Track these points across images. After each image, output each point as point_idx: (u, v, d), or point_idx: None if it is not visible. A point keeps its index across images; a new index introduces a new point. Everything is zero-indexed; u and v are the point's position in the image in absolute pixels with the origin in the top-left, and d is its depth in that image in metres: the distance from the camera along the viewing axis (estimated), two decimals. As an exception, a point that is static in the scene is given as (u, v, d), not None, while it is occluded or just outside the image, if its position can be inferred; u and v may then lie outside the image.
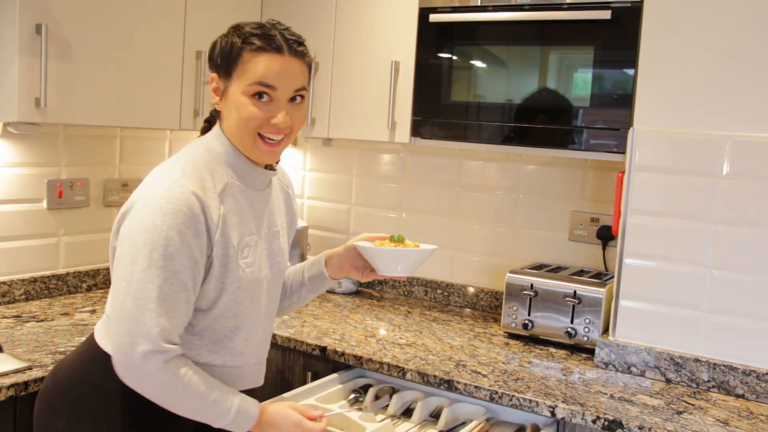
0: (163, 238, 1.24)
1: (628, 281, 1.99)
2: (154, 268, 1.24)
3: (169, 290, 1.25)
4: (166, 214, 1.25)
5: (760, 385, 1.83)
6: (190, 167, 1.33)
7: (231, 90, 1.35)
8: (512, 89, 2.19)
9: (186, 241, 1.26)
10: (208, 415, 1.32)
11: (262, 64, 1.32)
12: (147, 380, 1.26)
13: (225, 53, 1.35)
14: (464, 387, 1.83)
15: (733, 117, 1.85)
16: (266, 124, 1.34)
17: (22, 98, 1.87)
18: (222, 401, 1.32)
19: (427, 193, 2.72)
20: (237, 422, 1.33)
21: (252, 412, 1.35)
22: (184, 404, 1.30)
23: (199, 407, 1.31)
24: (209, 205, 1.30)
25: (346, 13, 2.46)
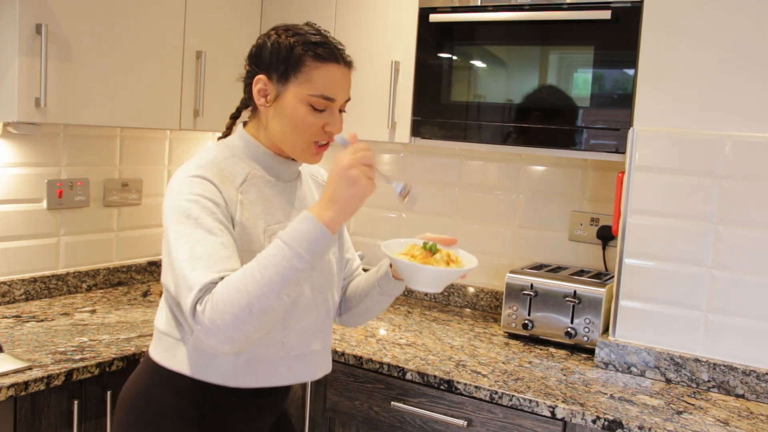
0: (183, 210, 1.25)
1: (628, 281, 1.99)
2: (182, 238, 1.23)
3: (203, 249, 1.22)
4: (181, 192, 1.28)
5: (760, 385, 1.83)
6: (204, 163, 1.34)
7: (287, 97, 1.35)
8: (512, 89, 2.19)
9: (206, 206, 1.26)
10: (283, 274, 1.17)
11: (327, 76, 1.34)
12: (211, 321, 1.16)
13: (282, 56, 1.34)
14: (464, 387, 1.83)
15: (733, 117, 1.85)
16: (320, 132, 1.37)
17: (22, 98, 1.87)
18: (271, 251, 1.18)
19: (427, 193, 2.72)
20: (308, 238, 1.18)
21: (306, 217, 1.19)
22: (252, 295, 1.16)
23: (266, 278, 1.16)
24: (227, 190, 1.32)
25: (346, 13, 2.46)
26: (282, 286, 1.17)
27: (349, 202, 1.21)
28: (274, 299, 1.17)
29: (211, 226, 1.24)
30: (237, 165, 1.39)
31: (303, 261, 1.17)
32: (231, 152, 1.40)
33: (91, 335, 2.01)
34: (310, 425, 2.10)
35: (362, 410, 2.01)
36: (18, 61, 1.85)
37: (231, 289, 1.16)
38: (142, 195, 2.67)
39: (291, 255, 1.17)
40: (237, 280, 1.17)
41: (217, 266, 1.21)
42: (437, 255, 1.39)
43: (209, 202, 1.27)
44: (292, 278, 1.17)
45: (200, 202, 1.26)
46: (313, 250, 1.18)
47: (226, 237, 1.25)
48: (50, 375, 1.70)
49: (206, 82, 2.38)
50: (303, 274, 1.18)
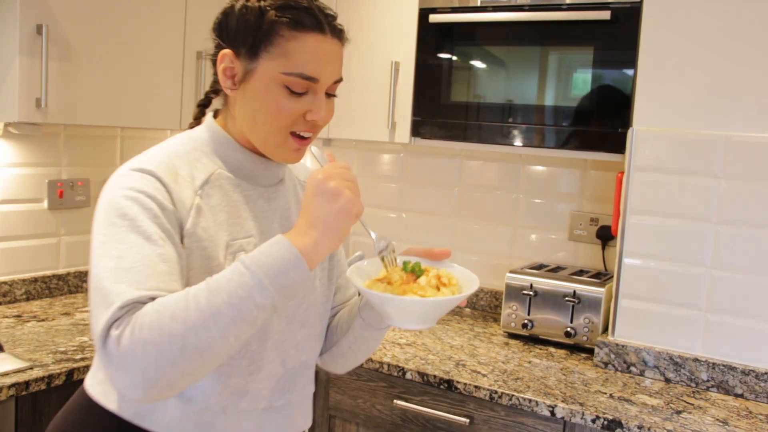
0: (119, 208, 0.98)
1: (627, 281, 1.99)
2: (110, 242, 0.95)
3: (134, 260, 0.93)
4: (120, 186, 1.00)
5: (759, 384, 1.83)
6: (156, 156, 1.07)
7: (257, 77, 1.06)
8: (512, 89, 2.20)
9: (147, 207, 0.99)
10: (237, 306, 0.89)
11: (308, 49, 1.05)
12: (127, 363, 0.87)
13: (250, 25, 1.06)
14: (464, 387, 1.84)
15: (733, 117, 1.85)
16: (300, 121, 1.08)
17: (22, 99, 1.88)
18: (227, 274, 0.91)
19: (427, 193, 2.73)
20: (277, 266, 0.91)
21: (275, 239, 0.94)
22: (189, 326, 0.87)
23: (214, 308, 0.88)
24: (179, 191, 1.04)
25: (346, 13, 2.46)
26: (232, 323, 0.89)
27: (333, 223, 0.94)
28: (218, 338, 0.88)
29: (150, 232, 0.96)
30: (199, 161, 1.10)
31: (265, 294, 0.90)
32: (194, 145, 1.12)
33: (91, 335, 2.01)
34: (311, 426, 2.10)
35: (365, 408, 2.01)
36: (19, 61, 1.86)
37: (164, 314, 0.87)
38: (143, 195, 2.67)
39: (252, 284, 0.89)
40: (174, 304, 0.89)
41: (149, 282, 0.92)
42: (422, 278, 1.04)
43: (152, 202, 0.99)
44: (246, 314, 0.90)
45: (141, 200, 0.99)
46: (280, 283, 0.91)
47: (167, 248, 0.97)
48: (51, 374, 1.70)
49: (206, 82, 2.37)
50: (262, 313, 0.91)
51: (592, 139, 2.06)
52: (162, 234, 0.98)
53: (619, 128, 2.01)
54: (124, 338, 0.87)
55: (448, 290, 1.03)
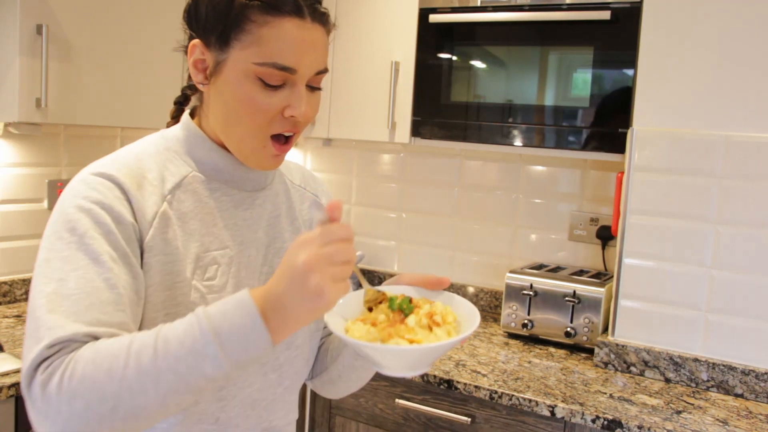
0: (68, 220, 0.88)
1: (627, 281, 1.99)
2: (54, 260, 0.85)
3: (77, 285, 0.83)
4: (74, 194, 0.90)
5: (759, 384, 1.83)
6: (127, 157, 0.97)
7: (228, 69, 0.94)
8: (512, 89, 2.20)
9: (100, 221, 0.88)
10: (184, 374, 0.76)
11: (282, 36, 0.92)
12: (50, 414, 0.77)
13: (219, 10, 0.94)
14: (464, 386, 1.84)
15: (732, 117, 1.85)
16: (278, 118, 0.95)
17: (22, 99, 1.88)
18: (179, 333, 0.78)
19: (427, 193, 2.73)
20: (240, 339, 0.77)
21: (241, 299, 0.79)
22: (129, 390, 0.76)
23: (156, 370, 0.76)
24: (143, 198, 0.93)
25: (346, 13, 2.47)
26: (174, 391, 0.77)
27: (301, 317, 0.79)
28: (155, 404, 0.77)
29: (98, 251, 0.85)
30: (171, 162, 1.00)
31: (218, 367, 0.77)
32: (167, 144, 1.02)
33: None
34: (310, 424, 2.10)
35: (367, 407, 2.01)
36: (19, 61, 1.86)
37: (99, 366, 0.76)
38: (143, 195, 2.67)
39: (205, 353, 0.76)
40: (112, 356, 0.77)
41: (89, 314, 0.81)
42: (411, 318, 0.88)
43: (107, 216, 0.88)
44: (192, 385, 0.77)
45: (94, 213, 0.88)
46: (238, 358, 0.77)
47: (118, 271, 0.86)
48: (51, 374, 1.70)
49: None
50: (210, 384, 0.78)
51: (592, 139, 2.06)
52: (114, 254, 0.87)
53: (619, 128, 2.01)
54: (51, 386, 0.77)
55: (443, 330, 0.87)
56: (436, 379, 1.88)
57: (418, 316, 0.88)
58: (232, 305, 0.79)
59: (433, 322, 0.88)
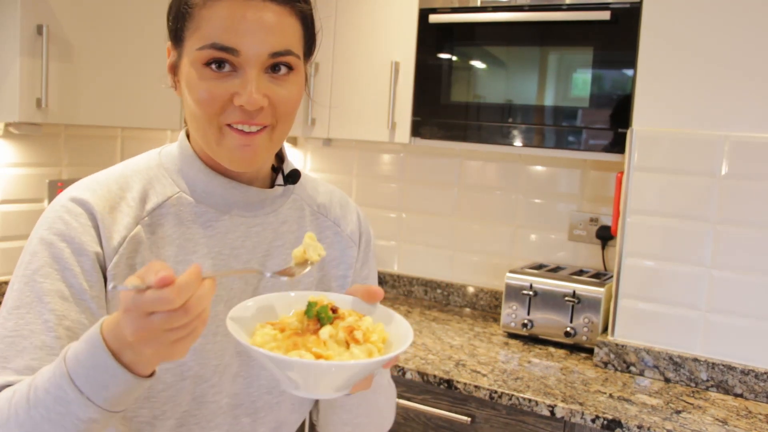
0: (28, 254, 0.85)
1: (627, 281, 1.99)
2: (9, 299, 0.84)
3: (14, 324, 0.81)
4: (42, 224, 0.87)
5: (759, 384, 1.84)
6: (112, 174, 0.92)
7: (183, 60, 0.90)
8: (512, 90, 2.20)
9: (59, 256, 0.84)
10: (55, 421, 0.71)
11: (216, 14, 0.85)
12: None
13: (175, 7, 0.93)
14: (464, 386, 1.84)
15: (732, 117, 1.85)
16: (230, 108, 0.86)
17: (23, 99, 1.88)
18: (45, 381, 0.73)
19: (427, 193, 2.73)
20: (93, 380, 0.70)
21: (91, 335, 0.71)
22: None
23: (28, 423, 0.73)
24: (113, 220, 0.87)
25: (346, 13, 2.47)
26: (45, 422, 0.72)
27: (156, 362, 0.72)
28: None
29: (45, 290, 0.82)
30: (158, 182, 0.93)
31: (89, 409, 0.71)
32: (160, 161, 0.96)
33: None
34: (310, 425, 2.11)
35: (362, 409, 2.01)
36: (19, 61, 1.86)
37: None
38: (143, 195, 2.67)
39: (70, 398, 0.70)
40: (1, 413, 0.74)
41: (19, 360, 0.79)
42: (324, 330, 0.75)
43: (66, 248, 0.84)
44: (73, 429, 0.72)
45: (54, 247, 0.84)
46: (104, 397, 0.71)
47: (63, 311, 0.81)
48: (52, 374, 1.70)
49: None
50: (94, 425, 0.72)
51: (592, 139, 2.07)
52: (66, 291, 0.82)
53: (619, 128, 2.01)
54: None
55: (362, 350, 0.74)
56: (436, 379, 1.88)
57: (336, 329, 0.75)
58: (84, 343, 0.71)
59: (352, 338, 0.74)
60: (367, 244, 1.08)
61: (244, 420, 0.94)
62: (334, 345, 0.74)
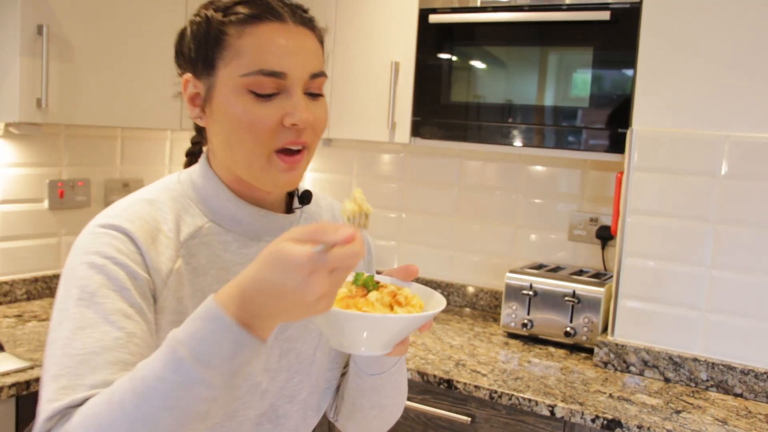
0: (79, 279, 0.83)
1: (627, 281, 1.99)
2: (66, 321, 0.81)
3: (83, 344, 0.78)
4: (86, 249, 0.85)
5: (759, 384, 1.84)
6: (140, 205, 0.91)
7: (217, 91, 0.90)
8: (512, 90, 2.20)
9: (116, 278, 0.83)
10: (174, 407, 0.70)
11: (262, 41, 0.88)
12: None
13: (200, 37, 0.92)
14: (464, 386, 1.84)
15: (732, 117, 1.86)
16: (280, 131, 0.88)
17: (23, 99, 1.88)
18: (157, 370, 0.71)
19: (427, 193, 2.73)
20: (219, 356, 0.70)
21: (210, 310, 0.71)
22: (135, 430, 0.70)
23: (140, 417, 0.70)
24: (157, 254, 0.88)
25: (346, 13, 2.47)
26: (175, 426, 0.71)
27: (285, 317, 0.72)
28: (163, 421, 0.71)
29: (109, 309, 0.81)
30: (186, 212, 0.94)
31: (212, 387, 0.70)
32: (182, 191, 0.96)
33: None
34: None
35: (362, 409, 2.01)
36: (19, 61, 1.86)
37: (90, 428, 0.71)
38: (143, 195, 2.67)
39: (194, 379, 0.70)
40: (99, 415, 0.72)
41: (94, 376, 0.76)
42: (372, 294, 0.84)
43: (120, 271, 0.84)
44: (193, 412, 0.71)
45: (106, 269, 0.83)
46: (229, 370, 0.71)
47: (131, 328, 0.81)
48: (52, 374, 1.70)
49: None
50: (212, 404, 0.72)
51: (592, 139, 2.07)
52: (128, 310, 0.82)
53: (619, 128, 2.01)
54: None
55: (404, 311, 0.83)
56: (436, 379, 1.88)
57: (382, 293, 0.84)
58: (201, 322, 0.71)
59: (396, 302, 0.84)
60: (370, 255, 1.14)
61: (267, 426, 0.98)
62: (380, 307, 0.82)
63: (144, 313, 0.84)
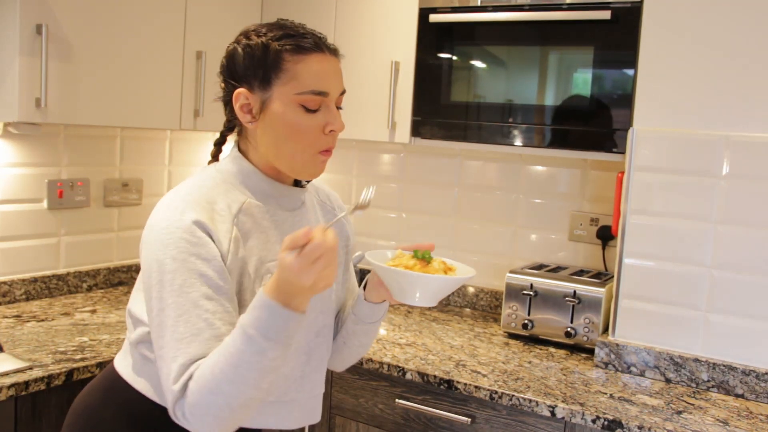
0: (168, 273, 1.10)
1: (627, 281, 1.99)
2: (166, 309, 1.10)
3: (185, 328, 1.09)
4: (167, 246, 1.12)
5: (760, 384, 1.83)
6: (195, 192, 1.18)
7: (273, 104, 1.17)
8: (512, 89, 2.20)
9: (194, 269, 1.11)
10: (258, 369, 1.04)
11: (314, 68, 1.17)
12: (196, 425, 1.09)
13: (258, 59, 1.18)
14: (464, 387, 1.84)
15: (733, 117, 1.85)
16: (321, 137, 1.20)
17: (22, 98, 1.88)
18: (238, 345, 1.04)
19: (427, 193, 2.73)
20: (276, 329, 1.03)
21: (261, 299, 1.04)
22: (226, 394, 1.05)
23: (241, 377, 1.05)
24: (218, 230, 1.15)
25: (346, 13, 2.47)
26: (260, 380, 1.06)
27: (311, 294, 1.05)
28: (254, 392, 1.07)
29: (196, 297, 1.10)
30: (230, 193, 1.21)
31: (278, 348, 1.05)
32: (223, 178, 1.24)
33: (91, 335, 2.01)
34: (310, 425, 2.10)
35: (367, 408, 2.01)
36: (18, 61, 1.86)
37: (203, 392, 1.05)
38: (143, 195, 2.67)
39: (264, 347, 1.04)
40: (208, 380, 1.05)
41: (202, 348, 1.08)
42: (434, 263, 1.22)
43: (197, 261, 1.11)
44: (269, 367, 1.05)
45: (189, 263, 1.11)
46: (286, 337, 1.05)
47: (213, 308, 1.11)
48: (51, 375, 1.70)
49: (206, 82, 2.38)
50: (280, 359, 1.07)
51: (592, 139, 2.06)
52: (210, 292, 1.11)
53: (620, 128, 2.01)
54: (188, 417, 1.08)
55: (452, 275, 1.21)
56: (436, 380, 1.87)
57: (437, 263, 1.22)
58: (258, 310, 1.04)
59: (448, 268, 1.23)
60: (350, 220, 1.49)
61: (303, 358, 1.30)
62: (440, 272, 1.21)
63: (221, 289, 1.12)
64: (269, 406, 1.26)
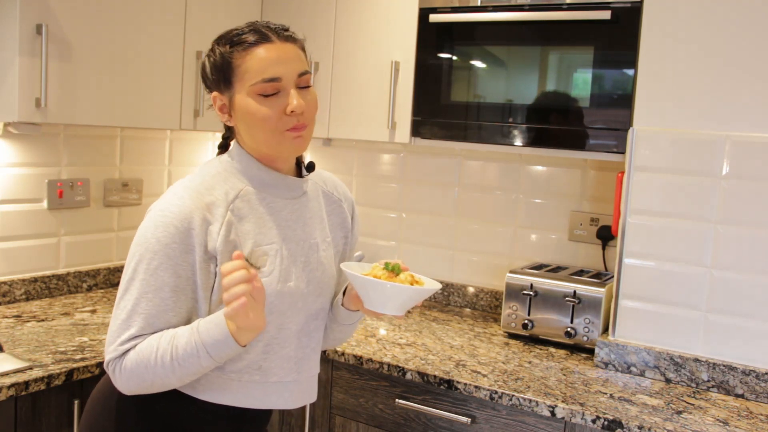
0: (150, 251, 1.24)
1: (627, 281, 1.99)
2: (135, 280, 1.25)
3: (146, 306, 1.24)
4: (157, 227, 1.25)
5: (760, 384, 1.83)
6: (197, 180, 1.32)
7: (236, 99, 1.30)
8: (512, 89, 2.20)
9: (171, 256, 1.24)
10: (194, 372, 1.25)
11: (258, 59, 1.27)
12: (120, 383, 1.28)
13: (217, 66, 1.32)
14: (464, 387, 1.84)
15: (733, 117, 1.85)
16: (284, 118, 1.28)
17: (22, 98, 1.88)
18: (188, 349, 1.23)
19: (427, 193, 2.73)
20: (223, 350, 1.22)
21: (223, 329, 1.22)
22: (157, 376, 1.24)
23: (177, 373, 1.24)
24: (212, 214, 1.28)
25: (346, 13, 2.46)
26: (185, 377, 1.25)
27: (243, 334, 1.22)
28: (177, 383, 1.27)
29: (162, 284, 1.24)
30: (229, 181, 1.34)
31: (210, 362, 1.24)
32: (224, 167, 1.36)
33: (91, 335, 2.01)
34: (310, 424, 2.10)
35: (367, 408, 2.01)
36: (18, 61, 1.86)
37: (140, 364, 1.24)
38: (143, 195, 2.67)
39: (201, 357, 1.22)
40: (147, 358, 1.23)
41: (149, 328, 1.25)
42: (403, 274, 1.32)
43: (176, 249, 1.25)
44: (196, 372, 1.25)
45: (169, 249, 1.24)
46: (219, 355, 1.23)
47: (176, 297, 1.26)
48: (51, 375, 1.70)
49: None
50: (208, 369, 1.26)
51: (593, 139, 2.06)
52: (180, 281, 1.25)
53: (620, 128, 2.01)
54: (116, 373, 1.27)
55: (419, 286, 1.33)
56: (436, 380, 1.87)
57: (405, 275, 1.32)
58: (214, 326, 1.22)
59: (414, 281, 1.33)
60: (355, 212, 1.58)
61: (304, 340, 1.41)
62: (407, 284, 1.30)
63: (189, 280, 1.26)
64: (272, 387, 1.37)
